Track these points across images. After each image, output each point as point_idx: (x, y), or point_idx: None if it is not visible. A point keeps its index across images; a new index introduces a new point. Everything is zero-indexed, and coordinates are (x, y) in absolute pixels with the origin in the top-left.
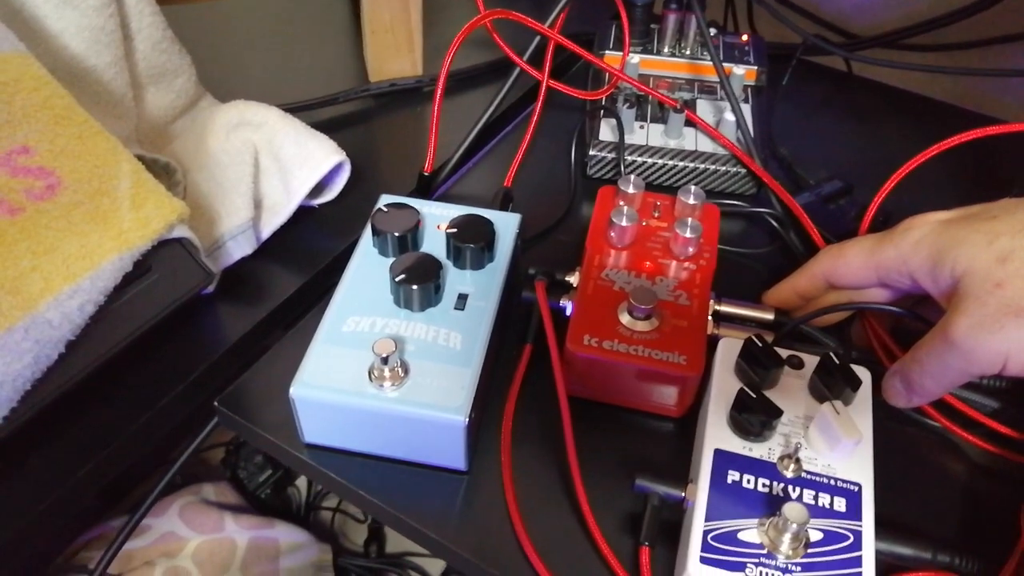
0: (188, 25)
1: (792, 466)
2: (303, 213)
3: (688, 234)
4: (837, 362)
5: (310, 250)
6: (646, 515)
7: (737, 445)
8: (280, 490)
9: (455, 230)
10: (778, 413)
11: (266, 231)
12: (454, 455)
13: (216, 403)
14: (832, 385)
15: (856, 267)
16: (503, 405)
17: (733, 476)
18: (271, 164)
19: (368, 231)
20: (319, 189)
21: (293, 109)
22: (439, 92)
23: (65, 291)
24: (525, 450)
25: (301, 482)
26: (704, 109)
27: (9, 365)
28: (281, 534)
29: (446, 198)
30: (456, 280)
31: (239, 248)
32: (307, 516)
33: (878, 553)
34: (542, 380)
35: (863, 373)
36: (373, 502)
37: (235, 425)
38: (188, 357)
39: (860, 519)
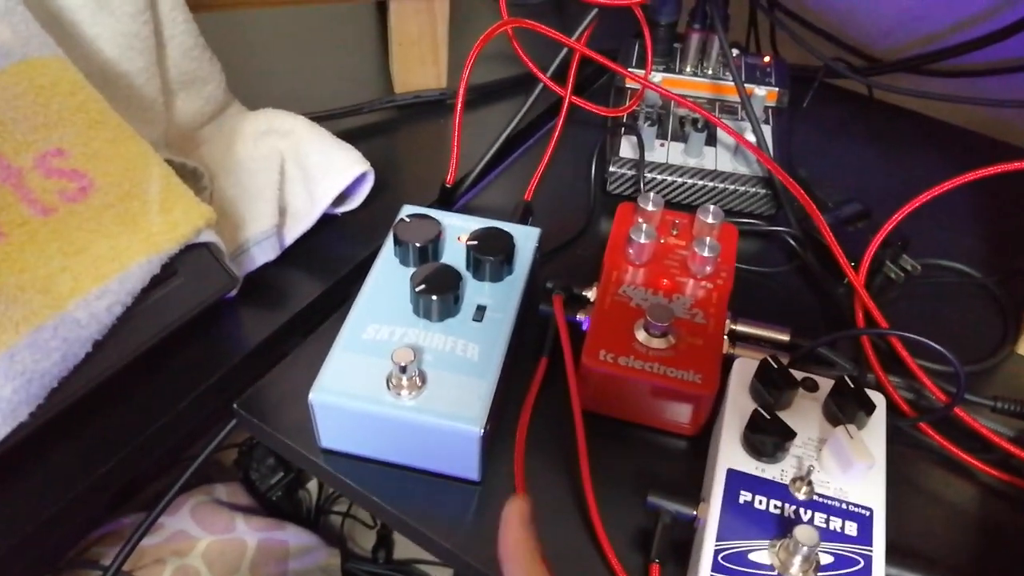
0: (218, 33)
1: (804, 488)
2: (326, 221)
3: (706, 253)
4: (852, 386)
5: (332, 258)
6: (657, 532)
7: (750, 465)
8: (291, 493)
9: (475, 242)
10: (791, 435)
11: (289, 238)
12: (468, 465)
13: (235, 406)
14: (846, 408)
15: None
16: (518, 417)
17: (745, 496)
18: (296, 172)
19: (390, 240)
20: (343, 198)
21: (319, 118)
22: (460, 101)
23: (94, 291)
24: (539, 463)
25: (312, 485)
26: (724, 129)
27: (38, 362)
28: (291, 536)
29: (467, 210)
30: (475, 292)
31: (263, 254)
32: (317, 520)
33: None
34: (557, 394)
35: (877, 398)
36: (387, 509)
37: (253, 428)
38: (210, 360)
39: (871, 544)
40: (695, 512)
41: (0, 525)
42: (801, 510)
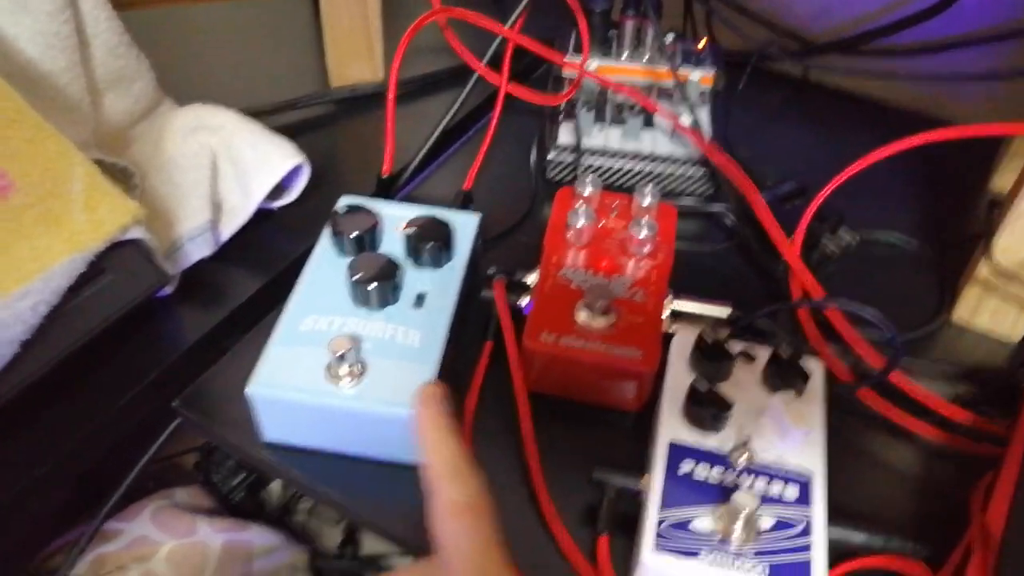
0: (148, 30)
1: (744, 456)
2: (263, 216)
3: (644, 233)
4: (788, 355)
5: (270, 252)
6: (603, 506)
7: (691, 437)
8: (254, 493)
9: (414, 229)
10: (728, 405)
11: (225, 233)
12: (414, 451)
13: (175, 404)
14: (783, 377)
15: None
16: (463, 402)
17: (687, 467)
18: (229, 167)
19: (327, 232)
20: (279, 191)
21: (253, 114)
22: (391, 90)
23: (16, 292)
24: (486, 445)
25: (275, 485)
26: (662, 113)
27: None
28: (255, 537)
29: (408, 201)
30: (415, 279)
31: (198, 250)
32: (282, 519)
33: (831, 540)
34: (502, 377)
35: (814, 365)
36: (335, 498)
37: (196, 425)
38: (147, 358)
39: (810, 505)
40: (639, 485)
41: None
42: (741, 477)
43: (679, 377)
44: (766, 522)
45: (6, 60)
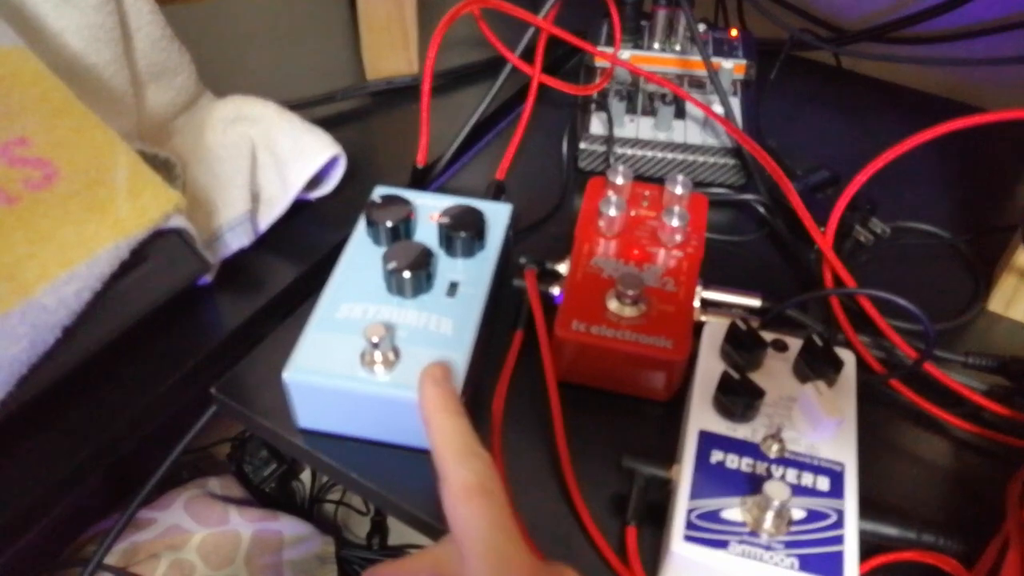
0: (189, 24)
1: (775, 446)
2: (301, 206)
3: (675, 222)
4: (820, 344)
5: (307, 242)
6: (632, 495)
7: (721, 426)
8: (284, 484)
9: (447, 219)
10: (760, 394)
11: (263, 223)
12: None
13: (213, 390)
14: (815, 366)
15: None
16: (494, 390)
17: (717, 456)
18: (268, 158)
19: (362, 221)
20: (316, 183)
21: (291, 107)
22: (426, 82)
23: (61, 277)
24: (515, 434)
25: (306, 476)
26: (694, 103)
27: (5, 349)
28: (285, 527)
29: (442, 191)
30: (447, 268)
31: (236, 239)
32: (311, 509)
33: (862, 533)
34: (533, 366)
35: (847, 355)
36: (366, 485)
37: (232, 412)
38: (187, 345)
39: (843, 498)
40: (669, 474)
41: None
42: (773, 467)
43: (710, 366)
44: (797, 513)
45: (53, 53)
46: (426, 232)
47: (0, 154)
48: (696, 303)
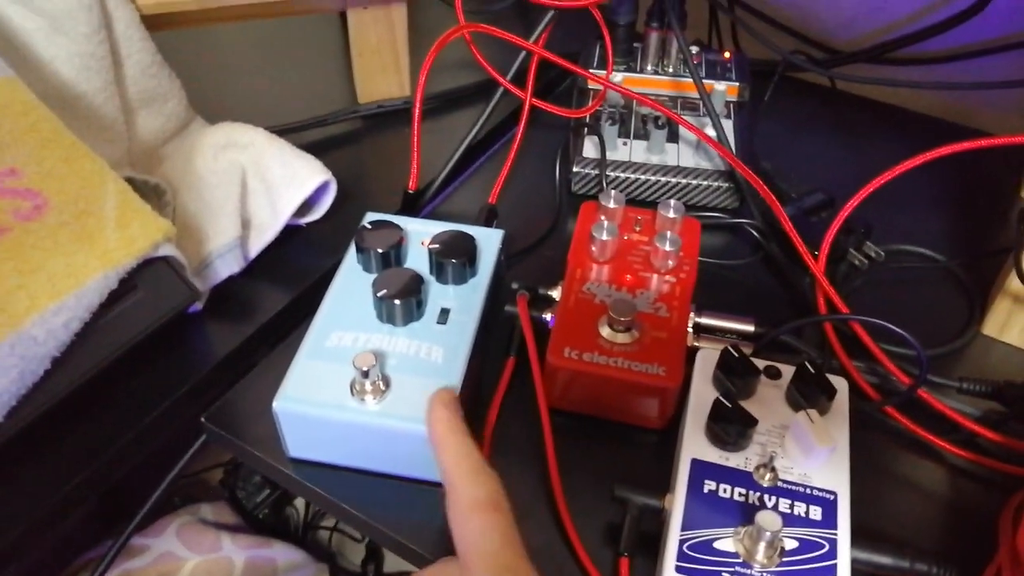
0: (179, 50)
1: (768, 475)
2: (291, 232)
3: (668, 247)
4: (813, 371)
5: (298, 268)
6: (625, 525)
7: (714, 455)
8: (278, 510)
9: (437, 246)
10: (752, 422)
11: (254, 250)
12: (435, 468)
13: (203, 419)
14: (808, 394)
15: None
16: (486, 417)
17: (710, 485)
18: (258, 184)
19: (352, 248)
20: (307, 208)
21: (282, 131)
22: (417, 106)
23: (50, 308)
24: (507, 462)
25: (300, 502)
26: (687, 126)
27: None
28: (278, 554)
29: (434, 216)
30: (439, 295)
31: (226, 266)
32: (305, 536)
33: (855, 562)
34: (525, 393)
35: (839, 382)
36: (357, 515)
37: (222, 441)
38: (176, 373)
39: (836, 527)
40: (662, 503)
41: None
42: (765, 497)
43: (703, 394)
44: (790, 544)
45: (43, 82)
46: (417, 258)
47: None
48: (689, 329)
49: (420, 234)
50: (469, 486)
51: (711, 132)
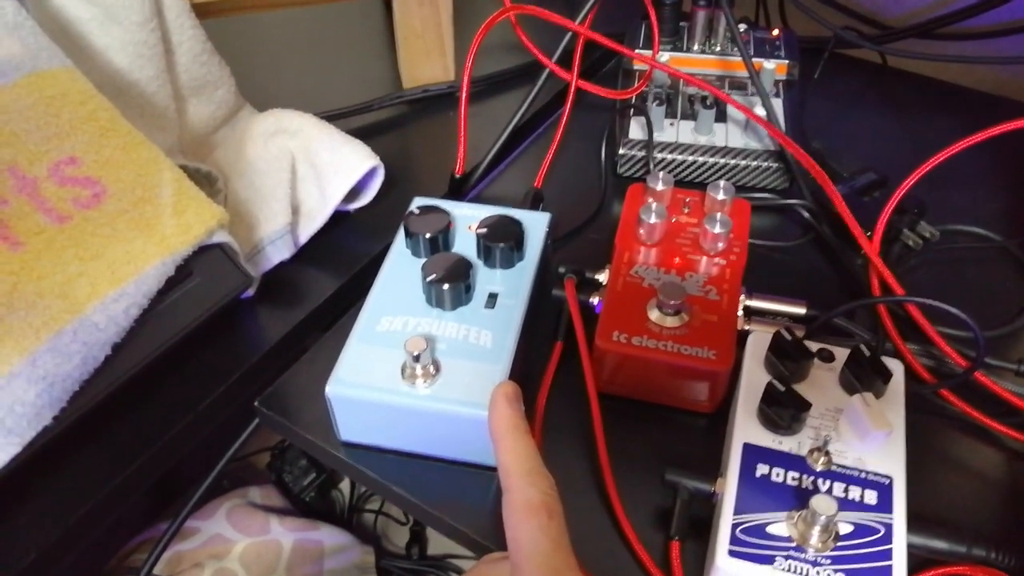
0: (227, 38)
1: (822, 459)
2: (339, 218)
3: (717, 229)
4: (868, 354)
5: (347, 253)
6: (676, 509)
7: (766, 439)
8: (324, 493)
9: (485, 230)
10: (806, 406)
11: (304, 236)
12: (486, 451)
13: (256, 403)
14: (862, 377)
15: None
16: (535, 402)
17: (762, 470)
18: (307, 170)
19: (401, 233)
20: (354, 194)
21: (329, 117)
22: (464, 91)
23: (111, 295)
24: (557, 446)
25: (345, 485)
26: (735, 105)
27: (59, 366)
28: (325, 536)
29: (479, 200)
30: (486, 279)
31: (278, 252)
32: (350, 519)
33: (911, 546)
34: (573, 377)
35: (895, 365)
36: (407, 498)
37: (275, 425)
38: (229, 359)
39: (891, 512)
40: (713, 488)
41: (29, 530)
42: (819, 481)
43: (755, 377)
44: (844, 528)
45: (98, 70)
46: (465, 242)
47: (51, 174)
48: (739, 312)
49: (467, 218)
50: (524, 487)
51: (760, 111)
